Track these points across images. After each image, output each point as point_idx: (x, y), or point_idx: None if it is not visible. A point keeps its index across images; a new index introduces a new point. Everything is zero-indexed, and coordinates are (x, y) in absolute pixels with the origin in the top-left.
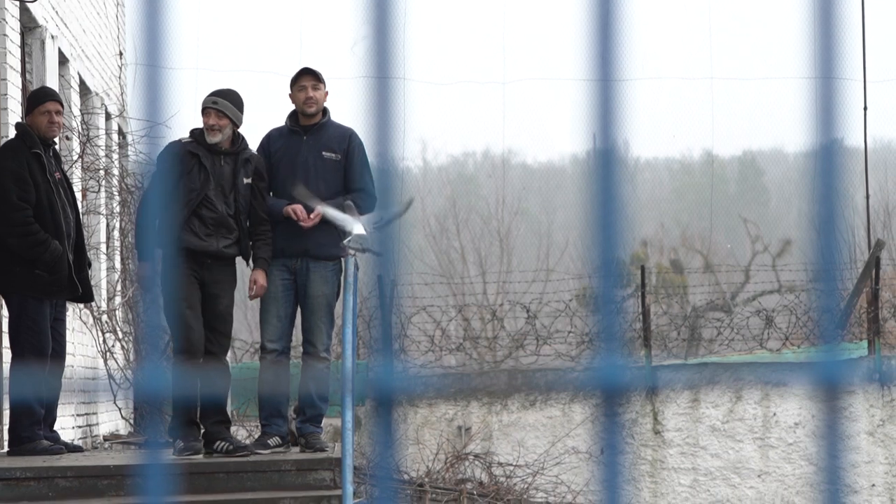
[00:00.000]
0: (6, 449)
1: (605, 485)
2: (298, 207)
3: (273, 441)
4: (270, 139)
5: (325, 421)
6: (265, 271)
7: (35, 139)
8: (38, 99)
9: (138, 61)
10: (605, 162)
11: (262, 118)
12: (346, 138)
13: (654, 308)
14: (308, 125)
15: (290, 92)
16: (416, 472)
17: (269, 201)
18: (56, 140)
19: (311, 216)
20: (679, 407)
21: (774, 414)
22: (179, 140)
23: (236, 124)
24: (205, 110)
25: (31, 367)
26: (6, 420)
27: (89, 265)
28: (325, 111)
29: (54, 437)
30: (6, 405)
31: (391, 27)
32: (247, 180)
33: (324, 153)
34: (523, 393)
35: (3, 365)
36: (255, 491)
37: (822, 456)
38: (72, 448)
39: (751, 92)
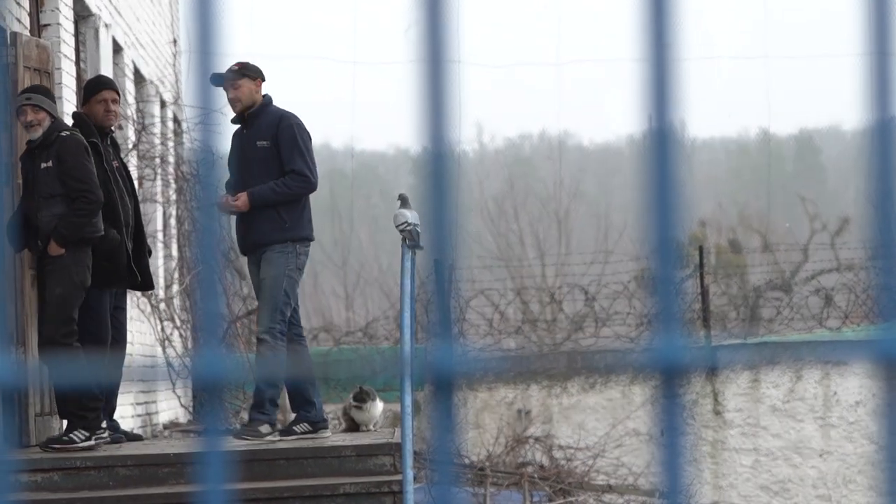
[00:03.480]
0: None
1: (665, 466)
2: (225, 199)
3: (264, 428)
4: (232, 136)
5: (385, 406)
6: (56, 241)
7: (91, 128)
8: (94, 88)
9: (192, 48)
10: (662, 143)
11: (316, 101)
12: (276, 124)
13: (713, 288)
14: (246, 117)
15: None
16: (477, 457)
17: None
18: (113, 128)
19: (235, 201)
20: (739, 387)
21: (835, 393)
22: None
23: (53, 115)
24: (20, 109)
25: (90, 356)
26: None
27: (149, 253)
28: (265, 99)
29: (114, 426)
30: None
31: (445, 10)
32: (45, 164)
33: (257, 143)
34: (583, 375)
35: None
36: (316, 477)
37: (884, 434)
38: (131, 437)
39: (806, 70)
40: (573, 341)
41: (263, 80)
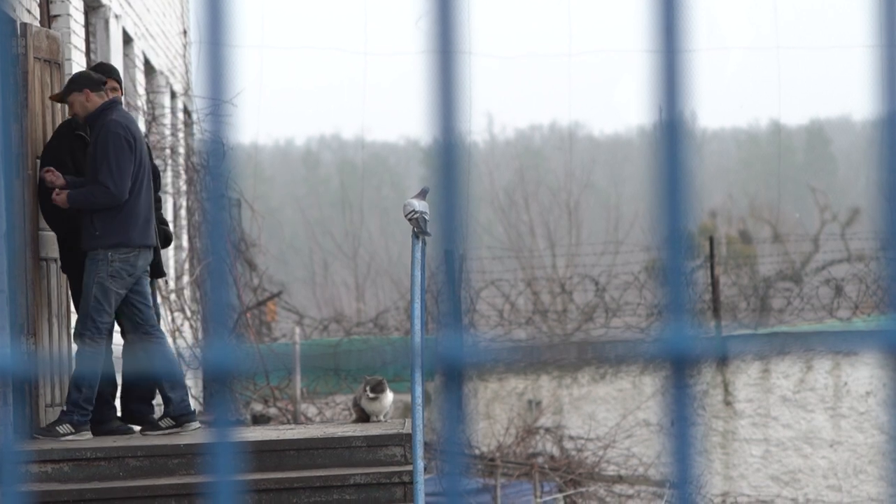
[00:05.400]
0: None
1: (676, 457)
2: (55, 189)
3: (63, 428)
4: None
5: (395, 396)
6: None
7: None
8: None
9: (202, 39)
10: (672, 133)
11: (326, 92)
12: (98, 131)
13: (724, 278)
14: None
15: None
16: (487, 447)
17: None
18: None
19: (59, 195)
20: (750, 378)
21: (845, 383)
22: None
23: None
24: None
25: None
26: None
27: (169, 241)
28: (102, 105)
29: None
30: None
31: (456, 1)
32: None
33: (88, 149)
34: (593, 366)
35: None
36: (326, 468)
37: (894, 424)
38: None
39: (817, 60)
40: (584, 332)
41: (96, 86)
